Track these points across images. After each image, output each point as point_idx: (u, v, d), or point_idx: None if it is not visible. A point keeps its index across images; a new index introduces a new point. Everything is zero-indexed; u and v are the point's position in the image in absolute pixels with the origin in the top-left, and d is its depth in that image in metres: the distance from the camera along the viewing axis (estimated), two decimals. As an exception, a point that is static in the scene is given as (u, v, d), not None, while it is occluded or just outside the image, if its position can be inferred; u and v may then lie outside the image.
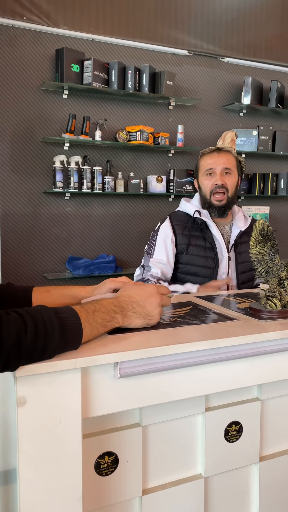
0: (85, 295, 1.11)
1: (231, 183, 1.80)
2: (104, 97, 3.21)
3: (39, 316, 0.78)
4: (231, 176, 1.80)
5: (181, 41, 3.43)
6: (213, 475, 1.07)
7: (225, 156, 1.80)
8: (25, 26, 2.92)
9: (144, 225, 3.40)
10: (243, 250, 1.85)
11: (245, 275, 1.84)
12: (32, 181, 3.03)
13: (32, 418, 0.79)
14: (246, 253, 1.84)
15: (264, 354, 1.02)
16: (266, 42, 3.77)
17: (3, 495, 1.07)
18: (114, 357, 0.84)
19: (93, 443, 0.92)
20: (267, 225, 1.10)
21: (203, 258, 1.78)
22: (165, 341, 0.92)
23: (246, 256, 1.85)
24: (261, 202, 3.86)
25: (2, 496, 1.08)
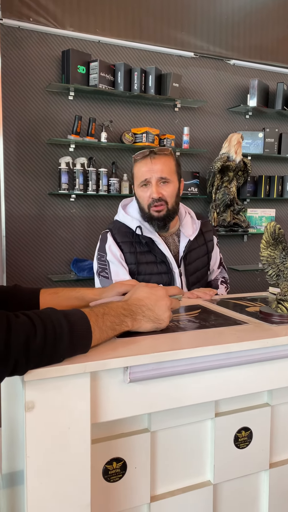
0: (93, 297, 1.09)
1: (170, 193, 1.58)
2: (110, 99, 3.20)
3: (48, 319, 0.76)
4: (169, 184, 1.58)
5: (187, 43, 3.43)
6: (222, 482, 1.05)
7: (159, 161, 1.56)
8: (31, 27, 2.92)
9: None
10: (192, 259, 1.68)
11: (196, 286, 1.67)
12: (37, 182, 3.03)
13: (40, 423, 0.77)
14: (196, 262, 1.69)
15: (276, 359, 1.00)
16: (273, 44, 3.76)
17: (9, 497, 1.06)
18: (124, 362, 0.83)
19: (101, 449, 0.91)
20: (278, 228, 1.08)
21: (157, 276, 1.60)
22: (175, 346, 0.90)
23: (197, 265, 1.69)
24: (267, 205, 3.84)
25: (8, 498, 1.07)
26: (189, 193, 3.38)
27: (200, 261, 1.72)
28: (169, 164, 1.59)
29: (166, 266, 1.63)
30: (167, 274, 1.63)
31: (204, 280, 1.75)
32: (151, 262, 1.63)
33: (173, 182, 1.60)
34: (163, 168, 1.57)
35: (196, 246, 1.71)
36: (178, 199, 1.64)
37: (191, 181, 3.39)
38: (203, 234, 1.75)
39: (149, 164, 1.57)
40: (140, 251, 1.63)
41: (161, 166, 1.57)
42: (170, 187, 1.59)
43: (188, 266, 1.67)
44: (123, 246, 1.63)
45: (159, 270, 1.62)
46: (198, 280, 1.70)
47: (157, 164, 1.56)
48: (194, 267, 1.69)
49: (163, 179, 1.58)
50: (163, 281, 1.62)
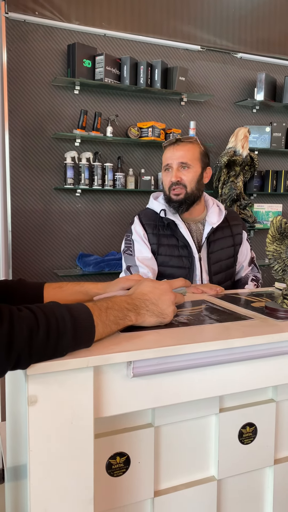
0: (97, 292, 1.09)
1: (189, 178, 1.66)
2: (116, 93, 3.18)
3: (51, 313, 0.76)
4: (189, 170, 1.66)
5: (193, 37, 3.39)
6: (227, 478, 1.05)
7: (182, 148, 1.66)
8: (37, 21, 2.91)
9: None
10: (216, 248, 1.72)
11: (220, 276, 1.72)
12: (43, 177, 3.02)
13: (43, 417, 0.77)
14: (220, 252, 1.73)
15: (281, 355, 0.99)
16: (280, 37, 3.71)
17: (13, 490, 1.06)
18: (127, 356, 0.82)
19: (104, 443, 0.91)
20: (284, 222, 1.07)
21: (177, 258, 1.67)
22: (179, 341, 0.89)
23: (221, 255, 1.72)
24: (274, 200, 3.81)
25: (12, 492, 1.08)
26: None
27: (224, 251, 1.74)
28: (192, 151, 1.68)
29: (187, 250, 1.69)
30: (187, 258, 1.69)
31: (229, 272, 1.76)
32: (172, 244, 1.70)
33: (194, 167, 1.68)
34: (185, 154, 1.66)
35: (222, 236, 1.75)
36: (199, 186, 1.71)
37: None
38: (231, 227, 1.78)
39: (172, 150, 1.68)
40: (163, 233, 1.71)
41: (183, 152, 1.66)
42: (191, 173, 1.68)
43: (211, 254, 1.72)
44: (147, 227, 1.73)
45: (180, 253, 1.69)
46: (221, 270, 1.73)
47: (179, 150, 1.67)
48: (217, 256, 1.73)
49: (184, 164, 1.67)
50: (183, 264, 1.68)
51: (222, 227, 1.75)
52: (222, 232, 1.75)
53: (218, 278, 1.71)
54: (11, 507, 1.08)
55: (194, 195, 1.69)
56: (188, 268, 1.68)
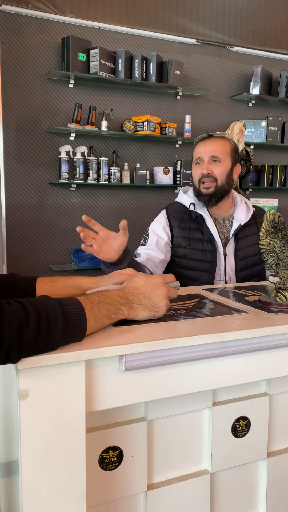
0: (90, 286, 1.08)
1: (220, 172, 1.69)
2: (111, 87, 3.16)
3: (42, 306, 0.75)
4: (220, 163, 1.69)
5: (189, 30, 3.37)
6: (220, 471, 1.05)
7: (214, 143, 1.69)
8: (31, 13, 2.88)
9: (150, 217, 3.35)
10: (243, 245, 1.74)
11: (245, 272, 1.74)
12: (37, 171, 3.01)
13: (34, 411, 0.77)
14: (247, 249, 1.74)
15: (274, 348, 0.99)
16: (276, 31, 3.69)
17: (6, 486, 1.06)
18: (119, 350, 0.82)
19: (97, 437, 0.90)
20: (278, 215, 1.06)
21: (201, 252, 1.70)
22: (172, 334, 0.89)
23: (247, 252, 1.74)
24: (270, 195, 3.81)
25: (5, 488, 1.07)
26: (191, 182, 3.35)
27: (250, 249, 1.76)
28: (222, 146, 1.71)
29: (212, 245, 1.70)
30: (211, 252, 1.71)
31: (256, 269, 1.77)
32: (198, 238, 1.73)
33: (224, 162, 1.70)
34: (216, 149, 1.69)
35: (249, 234, 1.77)
36: (229, 180, 1.72)
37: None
38: (257, 224, 1.80)
39: (204, 145, 1.71)
40: (189, 227, 1.74)
41: (214, 146, 1.69)
42: (221, 167, 1.70)
43: (238, 251, 1.74)
44: (173, 220, 1.75)
45: (204, 247, 1.71)
46: (247, 267, 1.75)
47: (211, 145, 1.70)
48: (244, 253, 1.75)
49: (215, 157, 1.69)
50: (206, 257, 1.70)
51: (250, 224, 1.76)
52: (249, 229, 1.77)
53: (244, 275, 1.74)
54: (5, 503, 1.08)
55: (224, 189, 1.71)
56: (211, 262, 1.70)
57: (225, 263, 1.72)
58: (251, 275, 1.76)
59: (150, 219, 3.46)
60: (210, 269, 1.70)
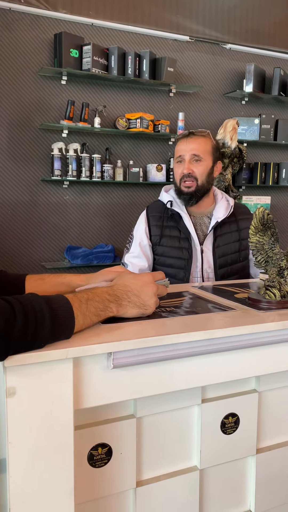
0: (80, 283, 1.08)
1: (200, 171, 1.69)
2: (104, 83, 3.15)
3: (29, 304, 0.75)
4: (201, 163, 1.70)
5: (182, 27, 3.36)
6: (209, 467, 1.05)
7: (195, 141, 1.69)
8: (23, 9, 2.86)
9: (143, 215, 3.36)
10: (223, 242, 1.74)
11: (225, 269, 1.74)
12: (29, 168, 2.99)
13: (22, 409, 0.77)
14: (226, 246, 1.74)
15: (263, 345, 0.99)
16: (270, 28, 3.70)
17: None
18: (107, 347, 0.82)
19: (86, 435, 0.90)
20: (267, 213, 1.07)
21: (177, 249, 1.70)
22: (160, 331, 0.89)
23: (226, 249, 1.74)
24: (263, 192, 3.82)
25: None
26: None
27: (230, 246, 1.76)
28: (204, 144, 1.71)
29: (188, 242, 1.70)
30: (187, 250, 1.70)
31: (236, 266, 1.77)
32: (174, 236, 1.73)
33: (205, 161, 1.71)
34: (198, 147, 1.69)
35: (229, 231, 1.77)
36: (210, 179, 1.74)
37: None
38: (237, 221, 1.79)
39: (185, 143, 1.70)
40: (166, 225, 1.75)
41: (196, 145, 1.69)
42: (202, 165, 1.70)
43: (217, 248, 1.74)
44: (151, 219, 1.77)
45: (180, 245, 1.71)
46: (226, 264, 1.75)
47: (192, 143, 1.69)
48: (223, 251, 1.74)
49: (196, 156, 1.69)
50: (182, 255, 1.70)
51: (230, 222, 1.76)
52: (229, 226, 1.77)
53: (223, 272, 1.73)
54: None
55: (204, 188, 1.72)
56: (187, 259, 1.69)
57: (202, 260, 1.71)
58: (231, 272, 1.75)
59: (143, 217, 3.43)
60: (186, 266, 1.69)
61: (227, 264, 1.74)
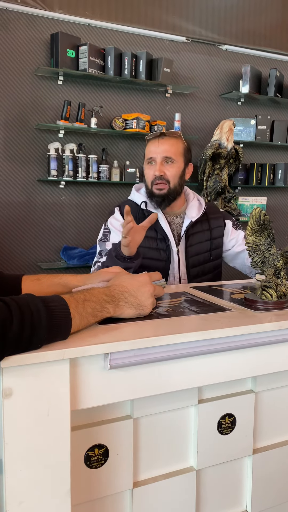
0: (76, 284, 1.08)
1: (172, 173, 1.66)
2: (100, 84, 3.15)
3: (25, 304, 0.75)
4: (172, 165, 1.66)
5: (179, 28, 3.37)
6: (206, 468, 1.05)
7: (167, 143, 1.65)
8: (19, 9, 2.85)
9: (140, 215, 3.36)
10: (194, 241, 1.72)
11: (197, 269, 1.72)
12: (26, 169, 2.98)
13: (18, 410, 0.76)
14: (198, 245, 1.73)
15: (259, 346, 1.00)
16: (266, 30, 3.71)
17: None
18: (104, 348, 0.82)
19: (83, 436, 0.90)
20: (263, 214, 1.07)
21: (155, 251, 1.67)
22: (157, 332, 0.89)
23: (198, 248, 1.72)
24: (259, 193, 3.83)
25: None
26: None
27: (201, 245, 1.74)
28: (176, 146, 1.67)
29: (165, 244, 1.68)
30: (165, 251, 1.68)
31: (208, 266, 1.75)
32: (151, 237, 1.69)
33: (177, 163, 1.67)
34: (169, 149, 1.65)
35: (200, 230, 1.75)
36: (182, 181, 1.70)
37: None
38: (209, 220, 1.78)
39: (157, 144, 1.66)
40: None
41: (167, 146, 1.65)
42: (174, 168, 1.67)
43: (189, 248, 1.72)
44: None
45: (158, 246, 1.68)
46: (198, 263, 1.74)
47: (164, 144, 1.65)
48: (195, 250, 1.73)
49: (168, 158, 1.65)
50: (160, 256, 1.68)
51: (201, 221, 1.75)
52: (201, 225, 1.75)
53: (195, 271, 1.72)
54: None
55: (176, 190, 1.69)
56: (165, 261, 1.68)
57: (178, 261, 1.70)
58: (203, 272, 1.74)
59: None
60: (165, 267, 1.67)
61: (199, 263, 1.73)
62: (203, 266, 1.74)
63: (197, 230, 1.74)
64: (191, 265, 1.71)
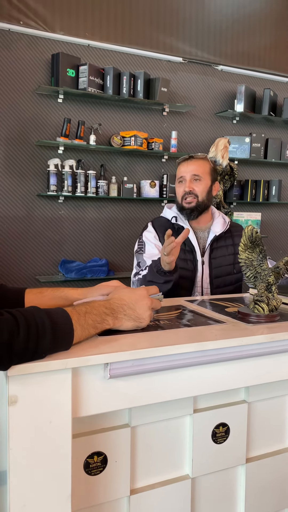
0: (77, 297, 1.12)
1: (200, 189, 1.86)
2: (99, 102, 3.24)
3: (31, 317, 0.79)
4: (200, 182, 1.87)
5: (176, 49, 3.48)
6: (200, 476, 1.09)
7: (195, 163, 1.88)
8: (22, 30, 2.95)
9: (137, 229, 3.42)
10: (218, 255, 1.89)
11: (219, 280, 1.87)
12: (26, 184, 3.05)
13: (23, 416, 0.80)
14: (221, 258, 1.88)
15: (252, 357, 1.04)
16: (260, 51, 3.83)
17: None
18: (104, 358, 0.86)
19: (82, 443, 0.94)
20: (255, 231, 1.13)
21: (183, 261, 1.83)
22: (155, 343, 0.94)
23: (221, 261, 1.88)
24: (253, 209, 3.91)
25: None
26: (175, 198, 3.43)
27: (224, 258, 1.90)
28: (203, 166, 1.89)
29: (192, 255, 1.85)
30: (191, 261, 1.84)
31: (230, 278, 1.90)
32: (180, 248, 1.81)
33: (205, 180, 1.88)
34: (197, 168, 1.87)
35: (223, 245, 1.92)
36: (209, 196, 1.91)
37: (179, 184, 3.43)
38: (233, 237, 1.95)
39: (186, 165, 1.89)
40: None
41: (195, 166, 1.87)
42: (202, 184, 1.87)
43: (213, 260, 1.88)
44: (158, 231, 1.92)
45: (185, 256, 1.85)
46: (221, 275, 1.88)
47: (192, 164, 1.88)
48: (218, 262, 1.89)
49: (196, 176, 1.87)
50: (187, 266, 1.83)
51: (225, 237, 1.92)
52: (225, 241, 1.92)
53: (218, 282, 1.87)
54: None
55: (204, 204, 1.88)
56: (191, 270, 1.84)
57: (202, 271, 1.86)
58: (224, 283, 1.88)
59: (137, 231, 3.53)
60: (191, 276, 1.83)
61: (222, 275, 1.88)
62: (225, 278, 1.88)
63: (221, 244, 1.90)
64: (214, 276, 1.86)
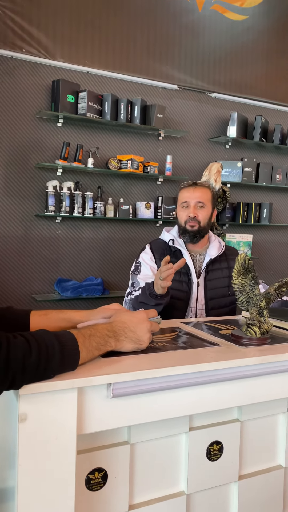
0: (80, 319, 1.19)
1: (203, 216, 1.96)
2: (97, 127, 3.35)
3: (42, 339, 0.86)
4: (204, 209, 1.97)
5: (171, 77, 3.62)
6: (195, 492, 1.14)
7: (199, 190, 1.97)
8: (24, 57, 3.07)
9: (132, 249, 3.50)
10: (213, 277, 1.96)
11: (214, 301, 1.94)
12: (24, 204, 3.12)
13: (31, 433, 0.86)
14: (216, 280, 1.96)
15: (244, 378, 1.11)
16: (251, 80, 4.00)
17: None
18: (108, 379, 0.92)
19: (84, 459, 0.99)
20: (248, 259, 1.21)
21: (178, 282, 1.89)
22: (154, 365, 1.00)
23: (216, 283, 1.95)
24: (245, 230, 4.02)
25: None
26: (171, 217, 3.52)
27: (219, 281, 1.98)
28: (206, 194, 2.00)
29: (187, 277, 1.92)
30: (186, 283, 1.91)
31: (224, 300, 1.96)
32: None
33: (207, 207, 1.99)
34: (202, 195, 1.97)
35: (218, 268, 2.00)
36: (209, 222, 2.01)
37: (173, 206, 3.53)
38: (228, 260, 2.03)
39: (191, 191, 1.98)
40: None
41: (200, 193, 1.97)
42: (205, 211, 1.98)
43: (208, 282, 1.95)
44: (155, 253, 2.00)
45: (181, 278, 1.92)
46: (216, 296, 1.95)
47: (197, 191, 1.98)
48: (213, 284, 1.96)
49: (200, 203, 1.97)
50: (182, 287, 1.90)
51: (221, 260, 2.00)
52: (220, 264, 2.00)
53: (213, 303, 1.94)
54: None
55: (205, 229, 1.99)
56: (186, 292, 1.90)
57: (197, 293, 1.92)
58: (219, 305, 1.94)
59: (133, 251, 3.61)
60: (185, 297, 1.90)
61: (217, 297, 1.95)
62: (220, 300, 1.95)
63: (216, 267, 1.98)
64: (209, 297, 1.93)
